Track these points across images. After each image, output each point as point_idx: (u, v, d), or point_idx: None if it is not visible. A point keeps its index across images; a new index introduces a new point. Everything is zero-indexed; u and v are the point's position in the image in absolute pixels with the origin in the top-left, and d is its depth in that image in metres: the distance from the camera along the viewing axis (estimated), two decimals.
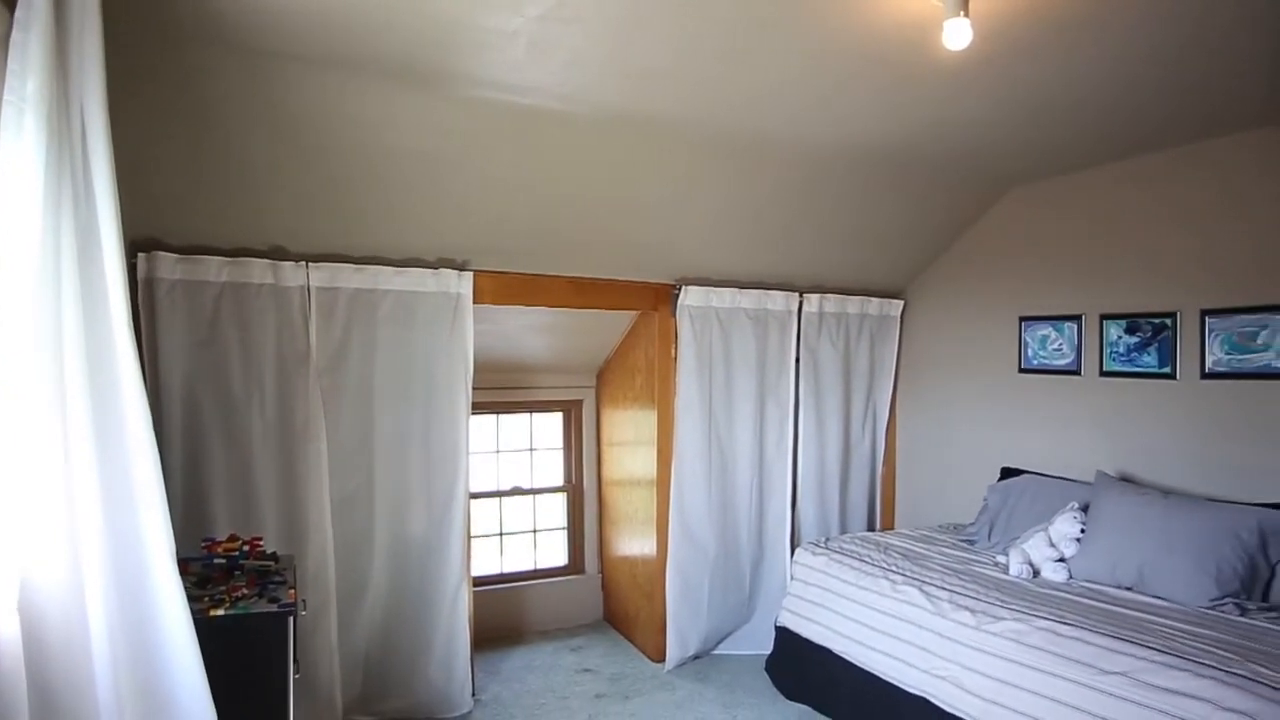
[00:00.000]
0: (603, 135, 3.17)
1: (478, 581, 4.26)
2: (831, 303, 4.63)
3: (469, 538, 3.71)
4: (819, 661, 3.54)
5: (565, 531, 5.01)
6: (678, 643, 4.17)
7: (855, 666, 3.34)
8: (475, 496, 4.02)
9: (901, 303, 4.93)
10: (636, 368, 4.44)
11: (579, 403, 4.98)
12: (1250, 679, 2.24)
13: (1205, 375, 3.45)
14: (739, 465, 4.38)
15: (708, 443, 4.27)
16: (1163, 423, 3.61)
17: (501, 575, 4.76)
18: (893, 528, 4.94)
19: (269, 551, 2.73)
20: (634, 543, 4.52)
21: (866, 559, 3.58)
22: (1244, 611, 2.82)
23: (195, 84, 2.53)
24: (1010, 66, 2.58)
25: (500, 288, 3.77)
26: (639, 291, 4.15)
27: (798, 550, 3.95)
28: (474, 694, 3.74)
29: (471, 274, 3.63)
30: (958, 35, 2.06)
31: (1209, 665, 2.34)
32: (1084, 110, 3.03)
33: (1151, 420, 3.65)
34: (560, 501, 5.01)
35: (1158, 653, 2.44)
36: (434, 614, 3.62)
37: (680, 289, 4.16)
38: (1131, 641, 2.53)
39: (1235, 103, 2.97)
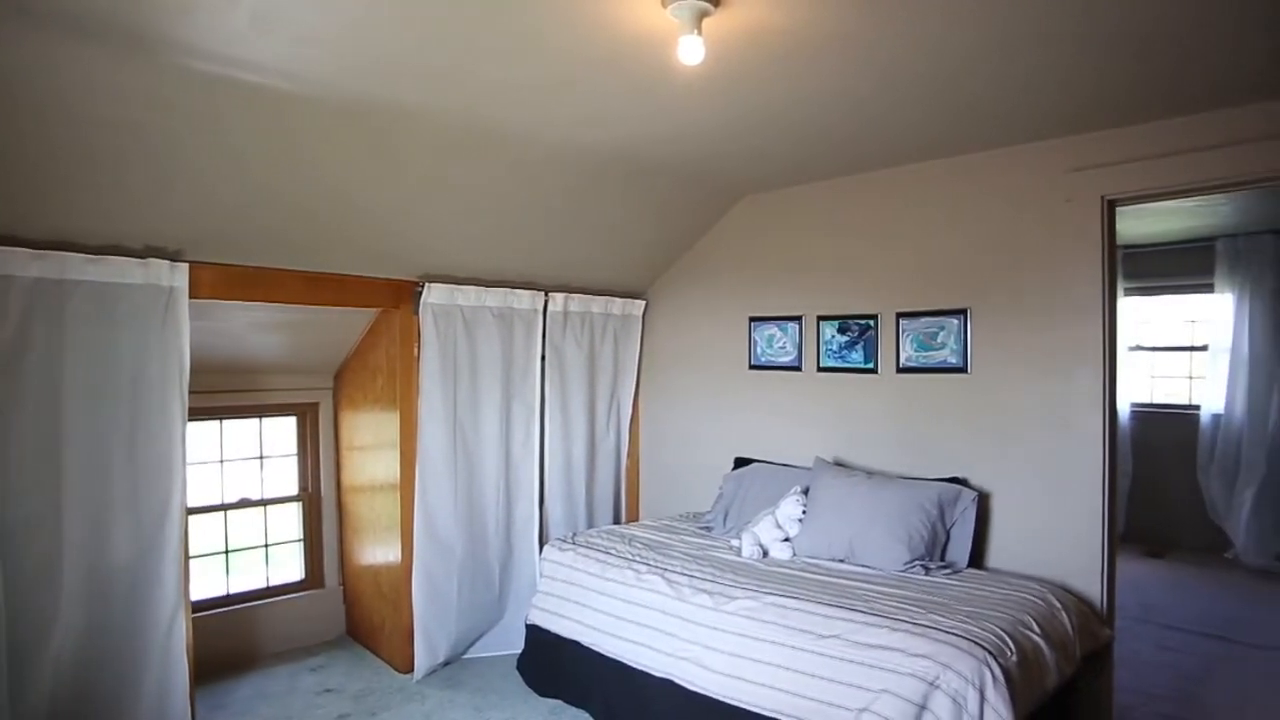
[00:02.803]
0: (339, 122, 2.97)
1: (198, 606, 3.83)
2: (576, 302, 4.72)
3: (187, 558, 3.32)
4: (569, 655, 3.60)
5: (302, 543, 4.66)
6: (426, 650, 4.05)
7: (604, 657, 3.43)
8: (194, 511, 3.63)
9: (643, 303, 5.15)
10: (377, 368, 4.23)
11: (315, 405, 4.66)
12: (930, 627, 2.67)
13: (900, 369, 3.96)
14: (485, 465, 4.33)
15: (453, 443, 4.18)
16: (868, 411, 4.09)
17: (228, 597, 4.32)
18: (638, 519, 5.15)
19: None
20: (378, 550, 4.31)
21: (612, 551, 3.70)
22: (928, 571, 3.30)
23: None
24: (739, 86, 2.78)
25: (222, 281, 3.42)
26: (379, 288, 3.96)
27: (546, 547, 3.99)
28: None
29: (187, 265, 3.25)
30: (691, 51, 2.18)
31: (902, 620, 2.73)
32: (802, 131, 3.35)
33: (859, 410, 4.13)
34: (295, 512, 4.65)
35: (863, 614, 2.79)
36: (143, 649, 3.20)
37: (423, 286, 4.03)
38: (843, 607, 2.87)
39: (910, 137, 3.43)
